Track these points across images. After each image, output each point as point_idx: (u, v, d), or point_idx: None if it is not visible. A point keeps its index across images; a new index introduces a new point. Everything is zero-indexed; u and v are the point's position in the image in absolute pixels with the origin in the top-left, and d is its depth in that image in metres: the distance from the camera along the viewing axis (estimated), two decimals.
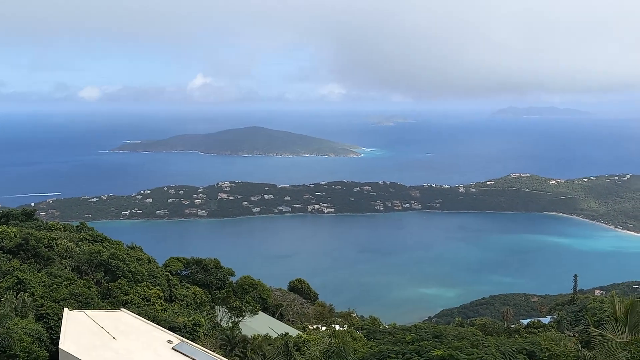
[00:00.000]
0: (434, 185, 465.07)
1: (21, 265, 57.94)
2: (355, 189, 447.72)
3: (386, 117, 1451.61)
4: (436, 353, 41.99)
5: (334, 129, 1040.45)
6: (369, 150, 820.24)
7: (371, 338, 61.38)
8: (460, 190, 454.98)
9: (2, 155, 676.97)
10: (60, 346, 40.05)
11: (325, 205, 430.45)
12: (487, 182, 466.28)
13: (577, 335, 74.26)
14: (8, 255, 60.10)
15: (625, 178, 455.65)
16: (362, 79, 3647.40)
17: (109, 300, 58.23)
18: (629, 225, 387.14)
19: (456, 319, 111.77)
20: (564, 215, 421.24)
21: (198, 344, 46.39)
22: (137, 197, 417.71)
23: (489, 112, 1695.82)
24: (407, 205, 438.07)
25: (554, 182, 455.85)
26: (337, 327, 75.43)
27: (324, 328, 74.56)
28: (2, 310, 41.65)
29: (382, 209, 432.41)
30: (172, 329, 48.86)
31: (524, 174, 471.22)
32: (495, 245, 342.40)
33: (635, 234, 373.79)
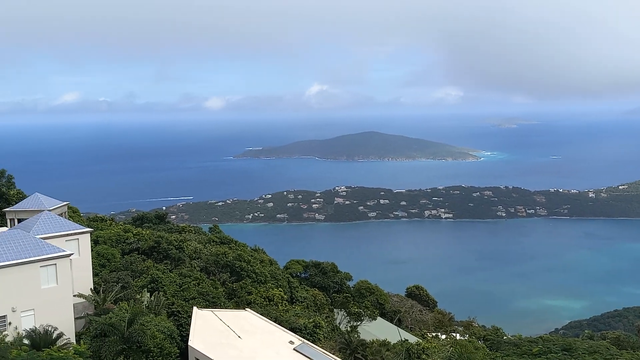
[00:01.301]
0: (560, 190, 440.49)
1: (154, 265, 62.05)
2: (474, 194, 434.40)
3: (507, 118, 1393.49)
4: None
5: (451, 132, 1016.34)
6: (489, 153, 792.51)
7: (495, 349, 59.01)
8: (589, 196, 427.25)
9: (136, 162, 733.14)
10: (189, 343, 42.38)
11: (442, 210, 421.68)
12: (620, 187, 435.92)
13: None
14: (143, 256, 64.65)
15: None
16: (479, 80, 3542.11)
17: (234, 299, 60.78)
18: None
19: (585, 331, 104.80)
20: None
21: (318, 345, 47.09)
22: (259, 201, 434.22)
23: (618, 112, 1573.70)
24: (532, 211, 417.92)
25: None
26: (457, 336, 73.33)
27: (443, 336, 72.80)
28: (137, 308, 44.71)
29: (504, 215, 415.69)
30: (293, 329, 50.02)
31: None
32: (628, 254, 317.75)
33: None
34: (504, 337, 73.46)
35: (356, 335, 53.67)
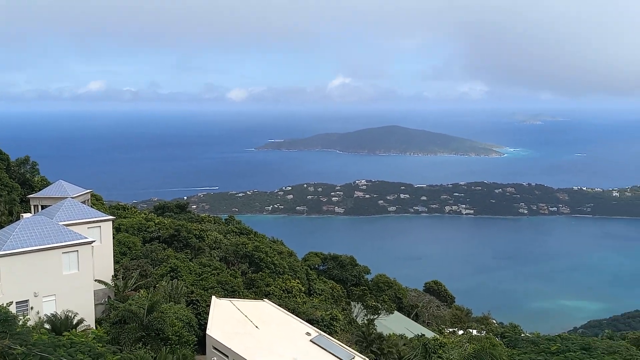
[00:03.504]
0: (584, 189, 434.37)
1: (175, 254, 62.73)
2: (496, 191, 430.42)
3: (533, 115, 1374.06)
4: None
5: (475, 128, 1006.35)
6: (512, 150, 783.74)
7: (512, 346, 58.61)
8: (614, 195, 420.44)
9: (159, 151, 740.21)
10: (207, 332, 42.86)
11: (463, 206, 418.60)
12: None
13: None
14: (163, 245, 65.41)
15: None
16: (504, 75, 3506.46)
17: (253, 290, 61.24)
18: None
19: (605, 331, 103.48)
20: None
21: (335, 338, 47.25)
22: (279, 193, 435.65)
23: None
24: (554, 209, 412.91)
25: None
26: (474, 332, 72.96)
27: (460, 332, 72.51)
28: (157, 296, 45.26)
29: (526, 212, 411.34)
30: (310, 321, 50.25)
31: None
32: None
33: None
34: (522, 335, 72.91)
35: (373, 329, 53.69)
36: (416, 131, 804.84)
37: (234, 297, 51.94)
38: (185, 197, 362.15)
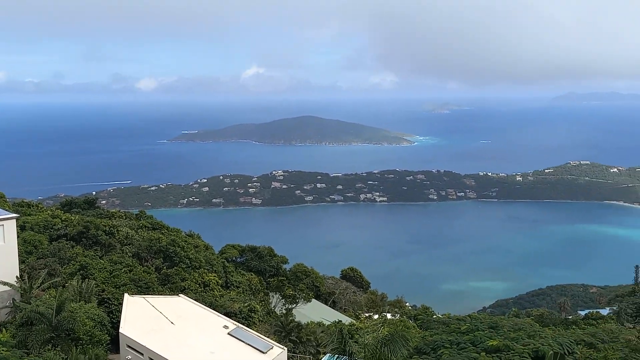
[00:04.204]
0: (490, 174, 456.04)
1: (84, 251, 60.33)
2: (408, 178, 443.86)
3: (440, 104, 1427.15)
4: (491, 343, 41.40)
5: (387, 118, 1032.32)
6: (422, 138, 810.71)
7: (425, 327, 61.04)
8: (517, 179, 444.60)
9: (65, 145, 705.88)
10: (120, 330, 41.64)
11: (377, 194, 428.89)
12: (546, 171, 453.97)
13: (637, 327, 71.49)
14: (71, 242, 62.69)
15: None
16: (413, 66, 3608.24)
17: (168, 286, 60.00)
18: None
19: (512, 309, 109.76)
20: (626, 204, 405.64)
21: (253, 329, 47.28)
22: (194, 186, 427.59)
23: (547, 99, 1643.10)
24: (462, 194, 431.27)
25: (615, 170, 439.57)
26: (389, 315, 75.33)
27: (376, 316, 74.63)
28: (65, 295, 43.50)
29: (435, 198, 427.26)
30: (228, 314, 49.98)
31: (584, 162, 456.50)
32: (553, 236, 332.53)
33: None
34: (434, 316, 76.00)
35: (291, 318, 54.20)
36: (331, 121, 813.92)
37: (148, 294, 50.70)
38: (94, 193, 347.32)
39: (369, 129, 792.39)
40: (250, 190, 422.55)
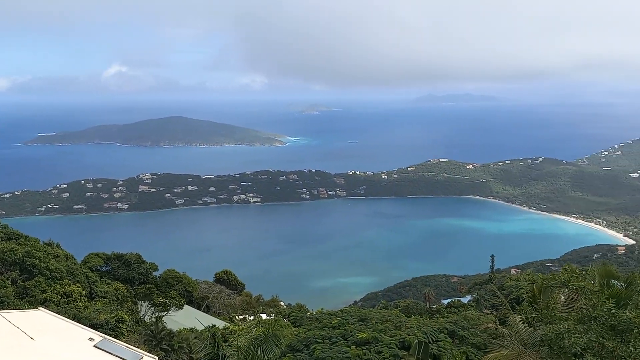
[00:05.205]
0: (358, 173, 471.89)
1: None
2: (281, 178, 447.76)
3: (310, 105, 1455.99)
4: (361, 336, 43.08)
5: (258, 118, 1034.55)
6: (294, 139, 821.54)
7: (298, 325, 62.11)
8: (383, 177, 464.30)
9: None
10: None
11: (251, 195, 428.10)
12: (408, 168, 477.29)
13: (494, 313, 77.80)
14: None
15: (538, 161, 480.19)
16: (280, 67, 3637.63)
17: (27, 299, 55.80)
18: (541, 206, 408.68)
19: (381, 302, 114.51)
20: (481, 198, 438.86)
21: (122, 340, 45.32)
22: (53, 191, 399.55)
23: (409, 100, 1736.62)
24: (333, 192, 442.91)
25: (470, 166, 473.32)
26: (264, 316, 75.68)
27: (251, 318, 74.65)
28: None
29: (308, 197, 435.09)
30: (93, 326, 47.42)
31: (443, 160, 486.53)
32: (416, 230, 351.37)
33: (547, 214, 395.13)
34: (308, 313, 77.55)
35: (162, 326, 52.66)
36: (201, 122, 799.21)
37: (3, 309, 46.81)
38: None
39: (240, 129, 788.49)
40: (116, 194, 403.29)
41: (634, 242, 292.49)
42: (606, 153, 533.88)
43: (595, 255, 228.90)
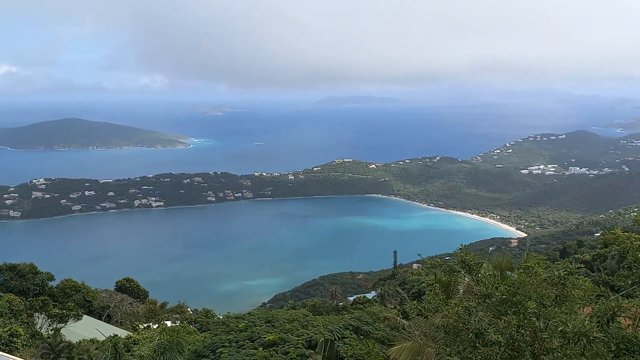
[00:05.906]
0: (264, 174, 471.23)
1: None
2: (185, 181, 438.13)
3: (214, 106, 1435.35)
4: (268, 337, 43.39)
5: (159, 120, 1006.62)
6: (197, 140, 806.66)
7: (205, 330, 61.43)
8: (289, 178, 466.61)
9: None
10: None
11: (153, 199, 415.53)
12: (314, 169, 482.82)
13: (397, 307, 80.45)
14: None
15: (435, 160, 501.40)
16: (182, 68, 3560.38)
17: None
18: (439, 203, 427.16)
19: (289, 302, 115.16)
20: (384, 196, 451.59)
21: (17, 355, 43.08)
22: None
23: (311, 102, 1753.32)
24: (239, 194, 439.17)
25: (373, 166, 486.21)
26: (169, 323, 74.17)
27: (155, 326, 72.91)
28: None
29: (214, 199, 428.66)
30: None
31: (347, 160, 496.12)
32: (322, 229, 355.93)
33: (445, 210, 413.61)
34: (214, 318, 76.81)
35: (60, 338, 50.43)
36: (98, 124, 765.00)
37: None
38: None
39: (141, 131, 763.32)
40: (7, 202, 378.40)
41: (525, 235, 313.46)
42: (498, 151, 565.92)
43: (491, 248, 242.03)
